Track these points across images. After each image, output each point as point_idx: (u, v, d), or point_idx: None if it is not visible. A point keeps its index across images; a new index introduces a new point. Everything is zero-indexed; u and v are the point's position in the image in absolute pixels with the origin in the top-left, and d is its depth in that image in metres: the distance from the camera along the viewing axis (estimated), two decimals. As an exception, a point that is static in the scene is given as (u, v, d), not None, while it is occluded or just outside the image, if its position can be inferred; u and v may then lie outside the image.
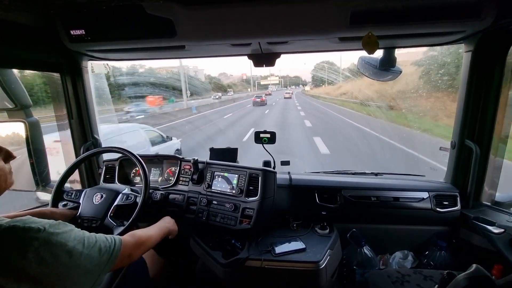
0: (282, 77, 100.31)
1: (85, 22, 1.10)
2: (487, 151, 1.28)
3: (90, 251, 0.66)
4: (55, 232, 0.61)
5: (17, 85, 1.25)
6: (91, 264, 0.66)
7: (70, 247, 0.62)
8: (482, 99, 1.25)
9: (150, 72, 26.82)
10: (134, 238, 0.87)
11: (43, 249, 0.57)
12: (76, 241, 0.64)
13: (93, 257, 0.67)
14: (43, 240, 0.58)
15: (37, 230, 0.58)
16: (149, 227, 1.07)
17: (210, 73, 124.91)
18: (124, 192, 1.26)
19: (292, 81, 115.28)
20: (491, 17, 0.96)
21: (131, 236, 0.87)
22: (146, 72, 25.27)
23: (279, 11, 0.97)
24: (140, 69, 25.16)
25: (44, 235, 0.59)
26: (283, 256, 1.13)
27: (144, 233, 0.95)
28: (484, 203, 1.36)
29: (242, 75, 62.56)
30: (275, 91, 62.02)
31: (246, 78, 69.25)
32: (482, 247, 1.25)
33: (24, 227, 0.57)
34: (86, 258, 0.65)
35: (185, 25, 1.03)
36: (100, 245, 0.70)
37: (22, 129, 1.29)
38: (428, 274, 1.19)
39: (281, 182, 1.50)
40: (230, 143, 7.49)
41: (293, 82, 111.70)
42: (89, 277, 0.65)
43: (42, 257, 0.57)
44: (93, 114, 1.59)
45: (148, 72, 25.79)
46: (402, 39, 1.16)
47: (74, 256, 0.62)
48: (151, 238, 0.97)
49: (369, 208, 1.45)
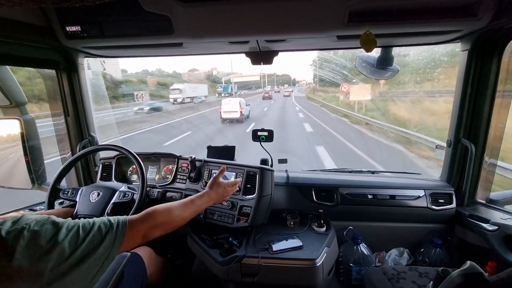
0: (267, 76, 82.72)
1: (81, 18, 1.09)
2: (482, 149, 1.30)
3: (87, 235, 0.65)
4: (41, 227, 0.60)
5: (12, 82, 1.24)
6: (91, 247, 0.64)
7: (61, 235, 0.61)
8: (478, 98, 1.26)
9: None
10: (148, 215, 0.82)
11: (31, 246, 0.56)
12: (69, 228, 0.63)
13: (92, 240, 0.65)
14: (28, 238, 0.57)
15: (21, 230, 0.57)
16: (182, 201, 0.96)
17: (177, 68, 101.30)
18: (121, 190, 1.26)
19: (281, 79, 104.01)
20: (487, 16, 0.97)
21: (146, 213, 0.82)
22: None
23: (277, 9, 0.96)
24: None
25: (28, 234, 0.57)
26: (280, 254, 1.13)
27: (167, 208, 0.88)
28: (479, 201, 1.38)
29: (212, 70, 48.36)
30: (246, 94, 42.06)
31: (217, 73, 50.29)
32: (477, 244, 1.26)
33: (8, 230, 0.56)
34: (85, 242, 0.63)
35: (182, 22, 1.02)
36: (100, 226, 0.69)
37: (17, 126, 1.28)
38: (423, 271, 1.20)
39: (279, 180, 1.50)
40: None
41: (282, 81, 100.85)
42: (94, 261, 0.64)
43: (32, 254, 0.56)
44: (89, 111, 1.58)
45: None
46: (399, 37, 1.17)
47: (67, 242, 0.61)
48: (174, 215, 0.89)
49: (366, 206, 1.46)
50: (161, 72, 35.79)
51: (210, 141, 8.41)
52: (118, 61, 28.20)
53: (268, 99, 29.47)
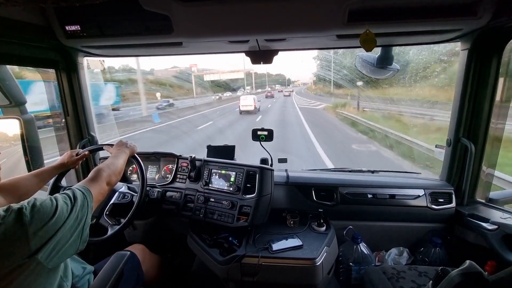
0: (257, 75, 74.98)
1: (81, 17, 1.09)
2: (482, 148, 1.30)
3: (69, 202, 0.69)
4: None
5: (11, 82, 1.24)
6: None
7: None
8: (478, 97, 1.26)
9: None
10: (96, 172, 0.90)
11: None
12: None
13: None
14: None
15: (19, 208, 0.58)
16: (110, 158, 1.06)
17: (157, 65, 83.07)
18: (120, 191, 1.26)
19: (273, 80, 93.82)
20: (487, 15, 0.97)
21: (94, 173, 0.89)
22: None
23: (277, 8, 0.96)
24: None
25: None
26: (280, 253, 1.14)
27: (105, 164, 0.97)
28: (478, 200, 1.38)
29: (191, 67, 38.88)
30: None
31: (196, 70, 36.90)
32: (476, 244, 1.26)
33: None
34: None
35: (182, 21, 1.02)
36: (67, 194, 0.71)
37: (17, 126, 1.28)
38: (422, 270, 1.20)
39: (278, 180, 1.50)
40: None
41: (274, 82, 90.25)
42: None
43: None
44: (89, 111, 1.58)
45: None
46: (399, 37, 1.16)
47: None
48: (117, 164, 1.02)
49: (366, 205, 1.46)
50: (130, 70, 28.68)
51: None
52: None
53: (270, 98, 33.45)
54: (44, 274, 0.61)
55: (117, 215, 1.20)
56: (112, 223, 1.15)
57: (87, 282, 0.94)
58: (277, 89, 58.74)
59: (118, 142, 1.21)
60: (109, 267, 0.98)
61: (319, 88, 35.49)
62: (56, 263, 0.64)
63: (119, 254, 1.05)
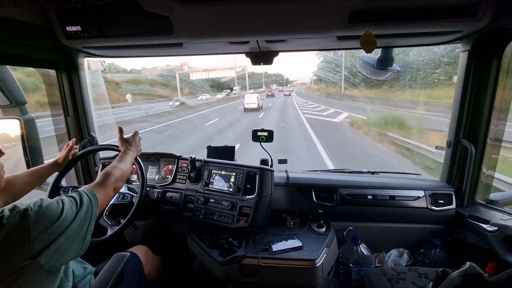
0: (253, 74, 67.02)
1: (81, 18, 1.09)
2: (482, 150, 1.30)
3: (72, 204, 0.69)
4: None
5: (12, 82, 1.24)
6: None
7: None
8: (478, 99, 1.26)
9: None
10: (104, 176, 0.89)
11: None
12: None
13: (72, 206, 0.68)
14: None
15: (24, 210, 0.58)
16: (116, 159, 1.05)
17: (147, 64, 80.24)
18: (120, 191, 1.26)
19: (271, 80, 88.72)
20: (487, 17, 0.97)
21: (103, 176, 0.89)
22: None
23: (277, 9, 0.96)
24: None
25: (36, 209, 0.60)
26: (280, 254, 1.13)
27: (112, 166, 0.96)
28: (478, 201, 1.38)
29: (182, 65, 36.62)
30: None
31: (188, 69, 35.92)
32: (476, 245, 1.26)
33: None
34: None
35: (182, 22, 1.02)
36: (73, 196, 0.71)
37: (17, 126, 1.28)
38: (423, 272, 1.20)
39: (279, 181, 1.50)
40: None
41: (272, 82, 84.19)
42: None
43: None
44: (89, 111, 1.58)
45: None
46: (399, 38, 1.17)
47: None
48: (123, 168, 0.99)
49: (366, 206, 1.46)
50: (115, 68, 25.60)
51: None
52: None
53: (271, 97, 34.47)
54: (44, 276, 0.62)
55: (117, 215, 1.20)
56: (112, 224, 1.14)
57: (88, 283, 0.94)
58: (276, 89, 58.33)
59: (128, 140, 1.17)
60: (108, 268, 0.98)
61: (322, 88, 29.95)
62: (56, 266, 0.63)
63: (119, 255, 1.04)
